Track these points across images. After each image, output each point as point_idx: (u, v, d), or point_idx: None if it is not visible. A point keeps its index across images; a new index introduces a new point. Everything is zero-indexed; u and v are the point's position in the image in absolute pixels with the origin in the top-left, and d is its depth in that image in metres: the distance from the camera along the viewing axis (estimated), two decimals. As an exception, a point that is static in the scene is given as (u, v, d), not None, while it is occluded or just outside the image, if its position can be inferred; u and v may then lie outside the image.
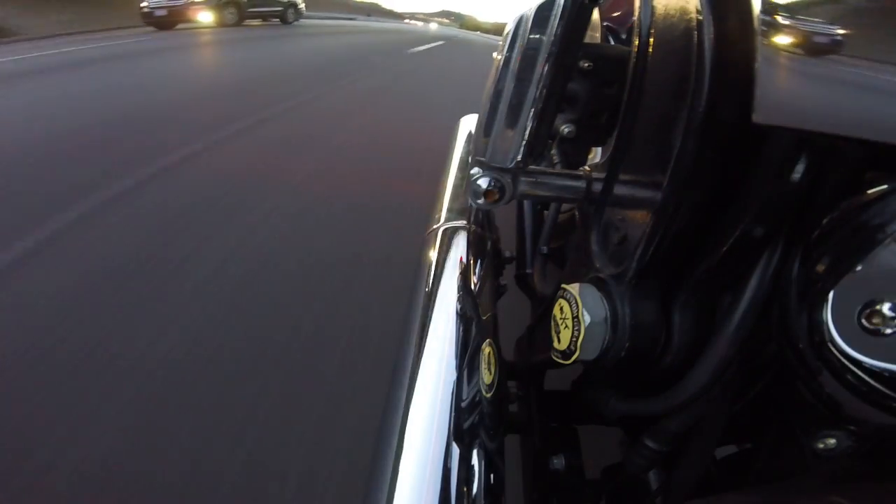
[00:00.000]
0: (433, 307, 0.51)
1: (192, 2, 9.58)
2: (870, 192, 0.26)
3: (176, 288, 1.53)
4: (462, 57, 9.51)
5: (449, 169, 0.93)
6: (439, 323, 0.48)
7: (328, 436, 1.06)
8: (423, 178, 2.12)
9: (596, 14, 0.94)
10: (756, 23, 0.26)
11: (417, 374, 0.43)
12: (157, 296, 1.48)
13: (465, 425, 0.39)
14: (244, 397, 1.14)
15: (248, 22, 10.81)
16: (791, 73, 0.25)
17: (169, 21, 9.62)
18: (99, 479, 0.95)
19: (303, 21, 12.89)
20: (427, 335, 0.47)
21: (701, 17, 0.29)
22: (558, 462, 0.53)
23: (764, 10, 0.25)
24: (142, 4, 9.55)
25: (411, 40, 12.16)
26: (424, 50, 9.99)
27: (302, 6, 13.50)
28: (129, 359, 1.23)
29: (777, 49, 0.25)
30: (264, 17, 11.64)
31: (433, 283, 0.55)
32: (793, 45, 0.25)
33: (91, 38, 7.59)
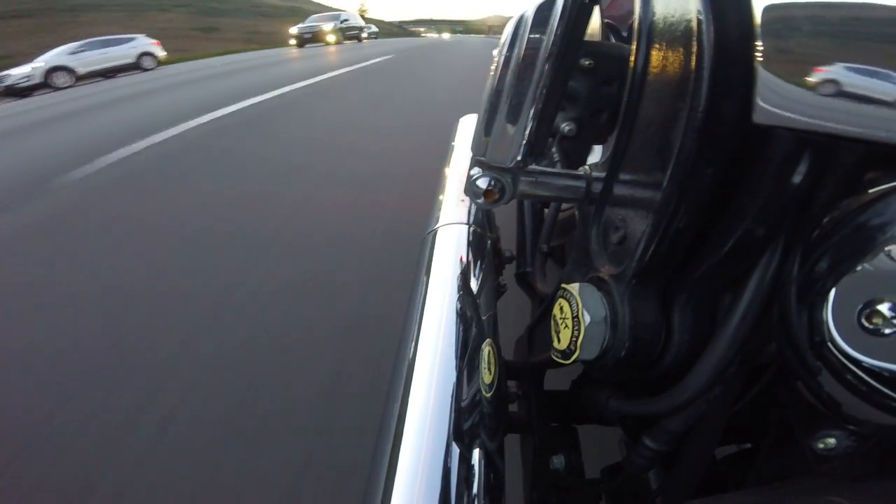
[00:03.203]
0: (433, 307, 0.51)
1: (323, 30, 18.41)
2: (870, 192, 0.26)
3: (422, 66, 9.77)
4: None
5: (449, 168, 0.93)
6: (439, 322, 0.48)
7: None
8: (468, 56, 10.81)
9: (596, 12, 0.94)
10: (756, 23, 0.25)
11: (418, 373, 0.43)
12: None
13: (465, 425, 0.39)
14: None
15: (344, 42, 19.08)
16: (791, 73, 0.24)
17: (309, 40, 18.24)
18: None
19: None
20: (427, 335, 0.47)
21: (701, 17, 0.29)
22: (558, 462, 0.53)
23: (764, 10, 0.25)
24: (291, 30, 18.69)
25: (466, 39, 23.69)
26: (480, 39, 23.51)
27: (374, 29, 24.71)
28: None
29: (777, 49, 0.25)
30: (351, 38, 20.01)
31: (433, 282, 0.55)
32: (793, 44, 0.25)
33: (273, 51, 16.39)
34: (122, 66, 12.55)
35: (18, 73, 11.15)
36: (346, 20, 19.87)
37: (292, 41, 17.95)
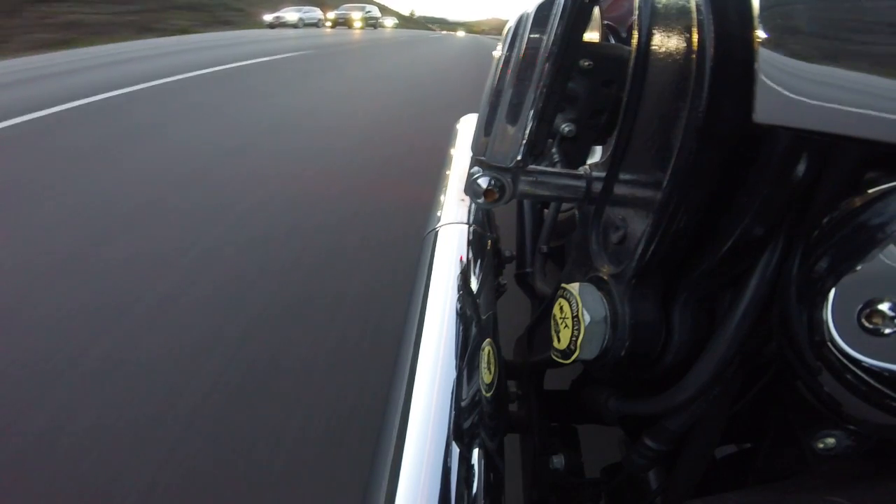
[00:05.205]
0: (433, 306, 0.51)
1: (351, 17, 26.06)
2: (870, 192, 0.26)
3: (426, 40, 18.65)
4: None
5: (449, 168, 0.93)
6: (439, 322, 0.48)
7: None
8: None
9: (596, 12, 0.94)
10: (756, 23, 0.25)
11: (418, 373, 0.43)
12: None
13: (464, 425, 0.39)
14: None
15: (362, 27, 26.30)
16: (791, 73, 0.24)
17: (341, 24, 25.82)
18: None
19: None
20: (427, 334, 0.47)
21: (701, 17, 0.29)
22: (558, 462, 0.53)
23: (764, 10, 0.25)
24: (328, 14, 26.31)
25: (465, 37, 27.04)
26: (473, 37, 27.28)
27: (395, 21, 35.40)
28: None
29: (777, 49, 0.25)
30: (370, 25, 27.37)
31: (433, 282, 0.55)
32: (793, 44, 0.25)
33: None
34: (313, 24, 24.32)
35: (287, 17, 22.97)
36: (369, 11, 28.39)
37: (328, 23, 25.89)
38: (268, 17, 22.56)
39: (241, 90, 5.12)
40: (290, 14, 23.26)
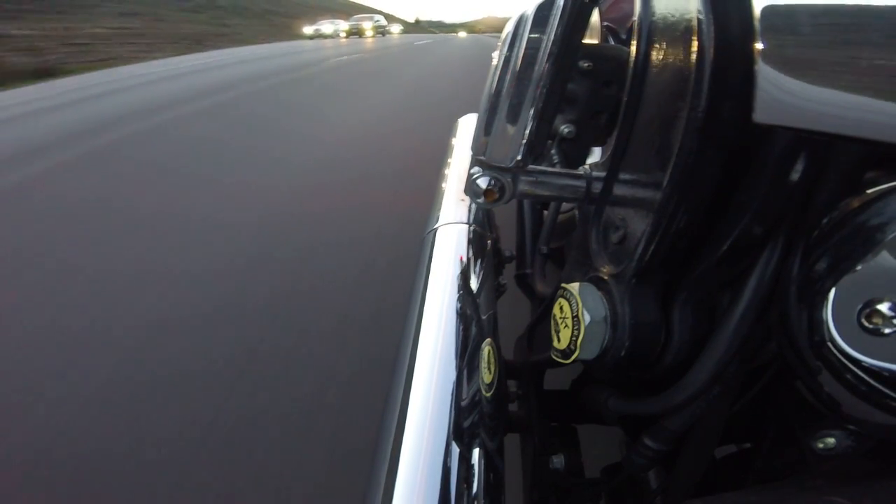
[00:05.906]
0: (433, 306, 0.51)
1: (363, 27, 28.07)
2: (870, 192, 0.26)
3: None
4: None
5: (448, 168, 0.93)
6: (439, 322, 0.48)
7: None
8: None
9: (596, 14, 0.94)
10: (756, 23, 0.25)
11: (417, 373, 0.43)
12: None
13: (464, 425, 0.39)
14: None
15: (373, 36, 27.73)
16: (791, 73, 0.24)
17: (353, 34, 27.82)
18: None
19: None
20: (427, 334, 0.47)
21: (701, 17, 0.29)
22: (558, 462, 0.53)
23: (764, 10, 0.25)
24: (342, 26, 29.23)
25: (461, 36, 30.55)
26: (472, 36, 30.93)
27: (400, 27, 37.00)
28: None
29: (777, 49, 0.25)
30: (379, 33, 28.85)
31: (433, 282, 0.55)
32: (793, 44, 0.25)
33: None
34: (338, 35, 27.26)
35: (324, 29, 27.85)
36: (377, 20, 30.78)
37: (342, 34, 28.39)
38: (308, 30, 28.11)
39: (389, 63, 9.96)
40: (326, 26, 29.24)
